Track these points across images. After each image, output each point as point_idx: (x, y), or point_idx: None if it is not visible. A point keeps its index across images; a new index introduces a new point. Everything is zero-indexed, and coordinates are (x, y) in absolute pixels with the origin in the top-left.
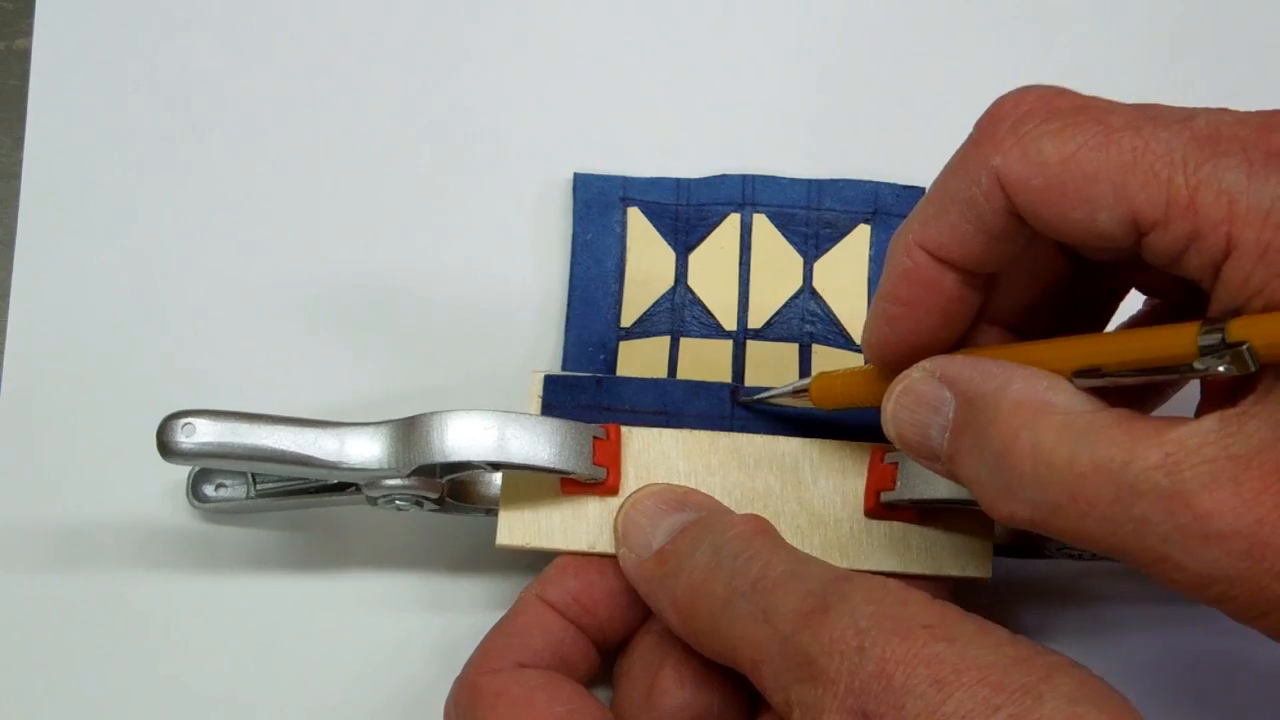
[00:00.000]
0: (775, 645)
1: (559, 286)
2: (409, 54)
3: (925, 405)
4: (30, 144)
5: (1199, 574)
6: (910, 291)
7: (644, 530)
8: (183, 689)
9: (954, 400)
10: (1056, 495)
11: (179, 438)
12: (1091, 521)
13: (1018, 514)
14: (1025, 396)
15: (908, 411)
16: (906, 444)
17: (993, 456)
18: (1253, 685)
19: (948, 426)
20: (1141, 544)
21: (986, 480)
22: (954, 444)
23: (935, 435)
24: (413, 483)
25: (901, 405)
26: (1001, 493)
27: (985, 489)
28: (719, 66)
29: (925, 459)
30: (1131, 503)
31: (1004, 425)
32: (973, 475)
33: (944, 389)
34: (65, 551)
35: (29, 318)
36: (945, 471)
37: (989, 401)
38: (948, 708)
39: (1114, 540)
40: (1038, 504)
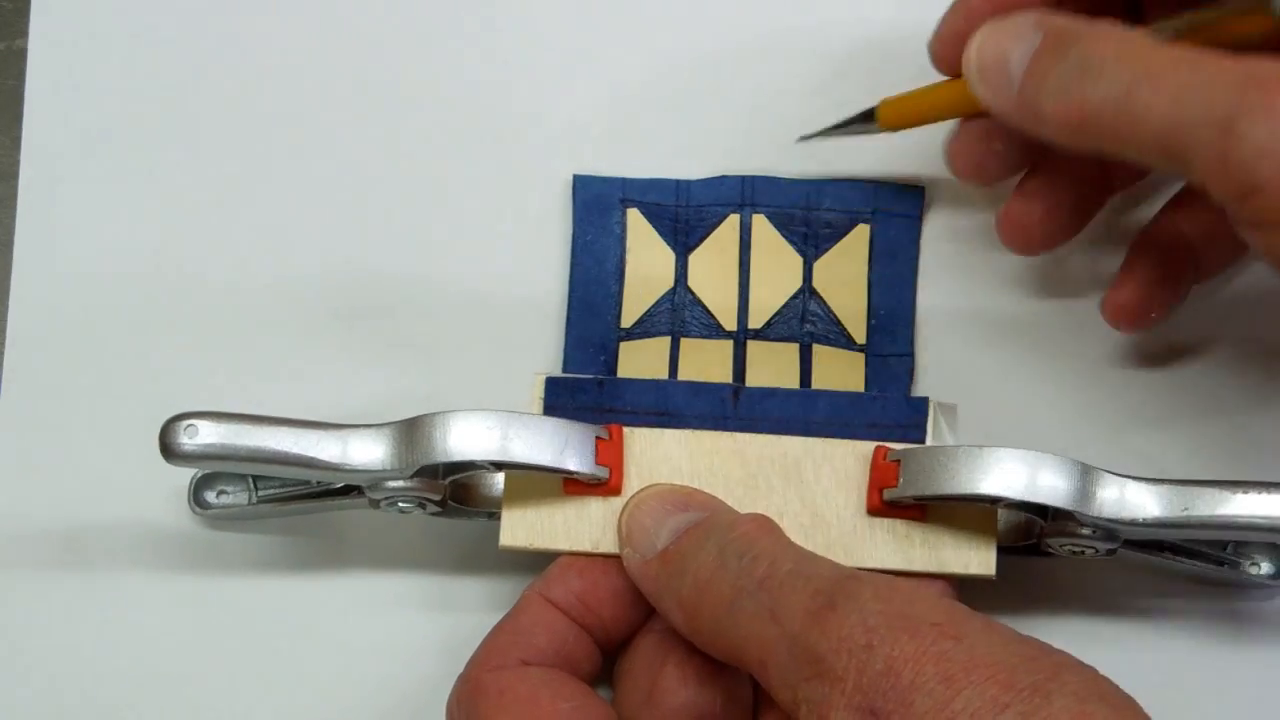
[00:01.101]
0: (783, 643)
1: (559, 288)
2: (408, 56)
3: (1012, 35)
4: (28, 144)
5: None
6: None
7: (648, 530)
8: (185, 691)
9: (1041, 32)
10: (1134, 75)
11: (181, 439)
12: (1163, 97)
13: (1089, 98)
14: (1112, 29)
15: (994, 39)
16: (984, 68)
17: (1072, 60)
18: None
19: (1029, 52)
20: (1209, 115)
21: (1061, 78)
22: (1035, 62)
23: (1017, 58)
24: (415, 484)
25: (990, 34)
26: (1077, 83)
27: (1057, 87)
28: (718, 67)
29: (997, 85)
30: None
31: (1090, 41)
32: (1048, 79)
33: (1034, 25)
34: (65, 553)
35: (29, 318)
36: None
37: (1076, 32)
38: (956, 705)
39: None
40: (1113, 84)
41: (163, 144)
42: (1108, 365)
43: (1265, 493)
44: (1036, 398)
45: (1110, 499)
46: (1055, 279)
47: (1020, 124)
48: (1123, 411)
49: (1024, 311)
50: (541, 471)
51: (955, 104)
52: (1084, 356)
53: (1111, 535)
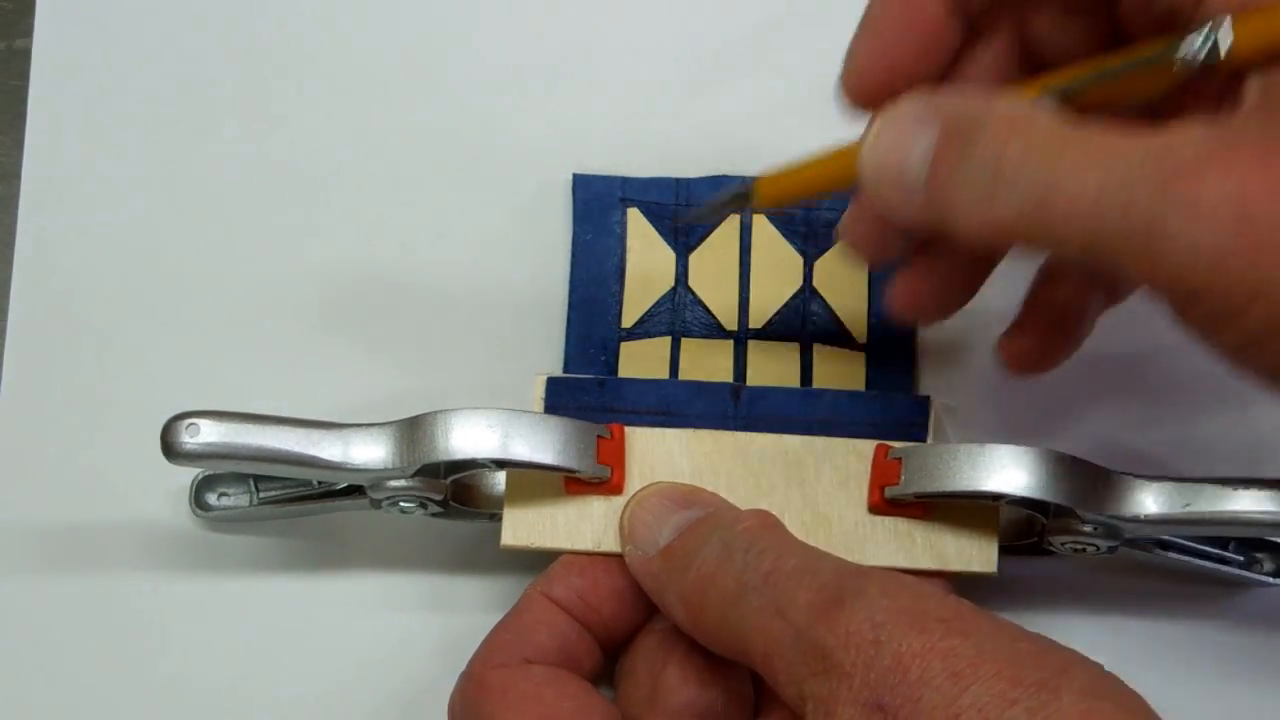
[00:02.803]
0: (789, 638)
1: (559, 288)
2: (408, 56)
3: (907, 131)
4: (30, 144)
5: (1185, 252)
6: (897, 6)
7: (650, 528)
8: (185, 691)
9: (938, 123)
10: (1044, 188)
11: (183, 438)
12: (1080, 208)
13: (1002, 217)
14: (1013, 111)
15: (888, 139)
16: (883, 173)
17: (979, 165)
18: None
19: (930, 148)
20: (1129, 225)
21: (969, 190)
22: (937, 164)
23: (916, 159)
24: (417, 483)
25: (882, 133)
26: (986, 198)
27: (967, 200)
28: (718, 66)
29: (900, 190)
30: (1122, 182)
31: (992, 135)
32: (955, 189)
33: (928, 114)
34: (66, 555)
35: (29, 318)
36: (921, 203)
37: (975, 118)
38: (964, 701)
39: (1101, 227)
40: (1025, 200)
41: (164, 144)
42: (1108, 363)
43: (1267, 489)
44: (1037, 396)
45: (1112, 496)
46: None
47: (930, 231)
48: (1124, 409)
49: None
50: (543, 470)
51: (841, 178)
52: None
53: (1113, 533)
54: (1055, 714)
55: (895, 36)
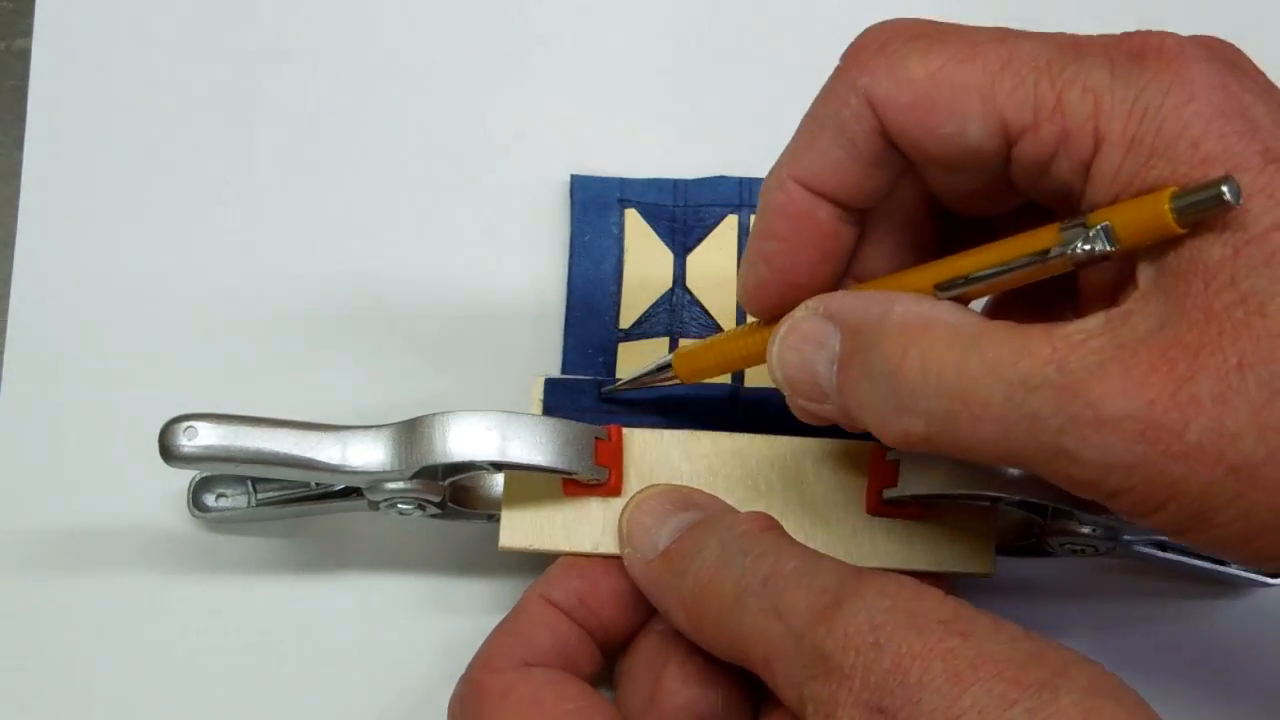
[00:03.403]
0: (788, 641)
1: (557, 289)
2: (406, 58)
3: (810, 341)
4: (30, 144)
5: (1095, 464)
6: (786, 226)
7: (649, 530)
8: (184, 693)
9: (839, 332)
10: (949, 403)
11: (181, 441)
12: (985, 425)
13: (913, 431)
14: (910, 317)
15: (793, 351)
16: (794, 384)
17: (882, 377)
18: (1257, 680)
19: (834, 360)
20: (1036, 441)
21: (878, 403)
22: (843, 374)
23: (823, 370)
24: (415, 485)
25: (787, 345)
26: (894, 412)
27: (877, 413)
28: (715, 67)
29: (813, 399)
30: (1024, 400)
31: (891, 345)
32: (864, 401)
33: (828, 324)
34: (65, 556)
35: (29, 318)
36: (835, 409)
37: (874, 327)
38: (964, 702)
39: (1009, 442)
40: (932, 416)
41: (165, 145)
42: None
43: None
44: None
45: None
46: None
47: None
48: None
49: None
50: (541, 472)
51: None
52: None
53: (1111, 533)
54: (1055, 714)
55: (788, 257)
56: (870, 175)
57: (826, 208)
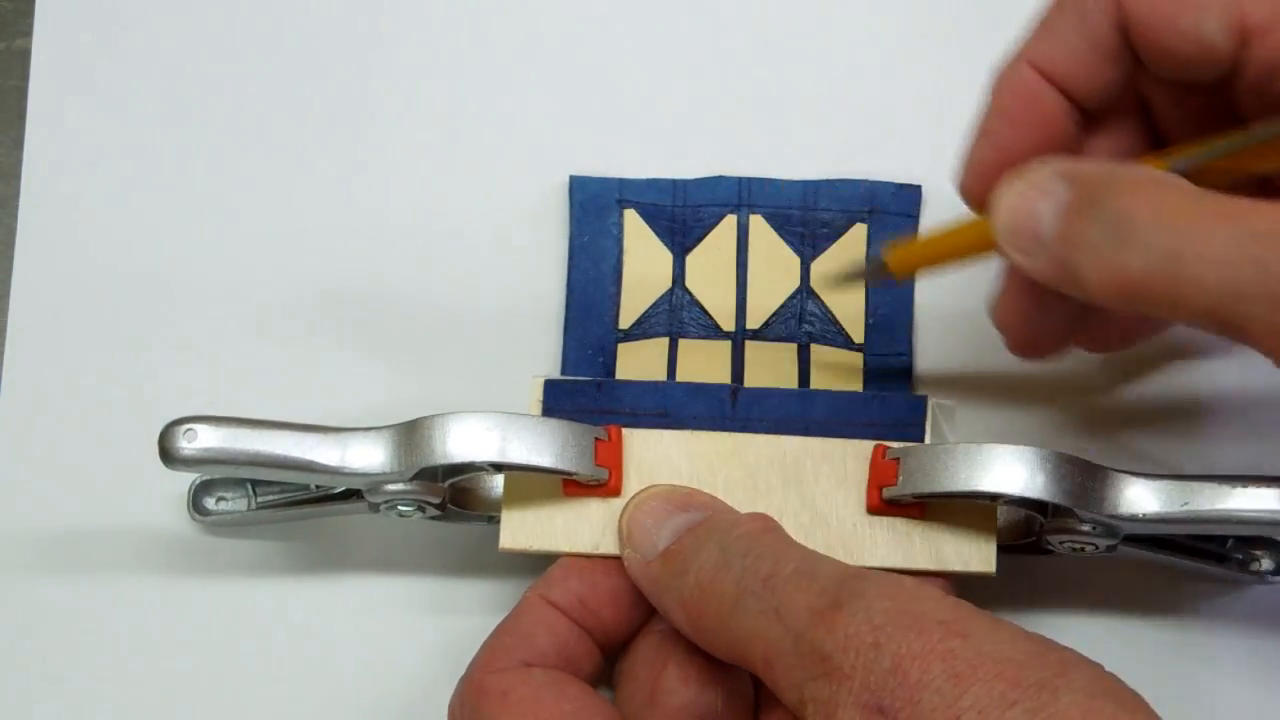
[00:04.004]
0: (788, 642)
1: (556, 290)
2: (405, 58)
3: (1038, 189)
4: (30, 144)
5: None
6: (1015, 106)
7: (649, 531)
8: (185, 697)
9: (1069, 184)
10: (1175, 239)
11: (181, 444)
12: (1208, 266)
13: (1130, 273)
14: (1143, 174)
15: (1019, 197)
16: (1013, 229)
17: (1109, 216)
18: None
19: (1060, 208)
20: (1259, 286)
21: (1098, 241)
22: (1067, 220)
23: (1046, 216)
24: (415, 487)
25: (1014, 191)
26: (1115, 248)
27: (1095, 252)
28: (714, 67)
29: (1027, 250)
30: (1251, 245)
31: (1123, 192)
32: (1084, 242)
33: (1060, 176)
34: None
35: (29, 318)
36: (1047, 260)
37: (1106, 179)
38: (964, 702)
39: (1229, 284)
40: (1154, 250)
41: (164, 145)
42: (1106, 362)
43: (1265, 487)
44: (1035, 395)
45: (1110, 495)
46: None
47: (1058, 287)
48: (1121, 408)
49: None
50: (541, 473)
51: (973, 245)
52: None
53: (1112, 532)
54: (1055, 714)
55: (1014, 140)
56: (1102, 69)
57: (1056, 96)
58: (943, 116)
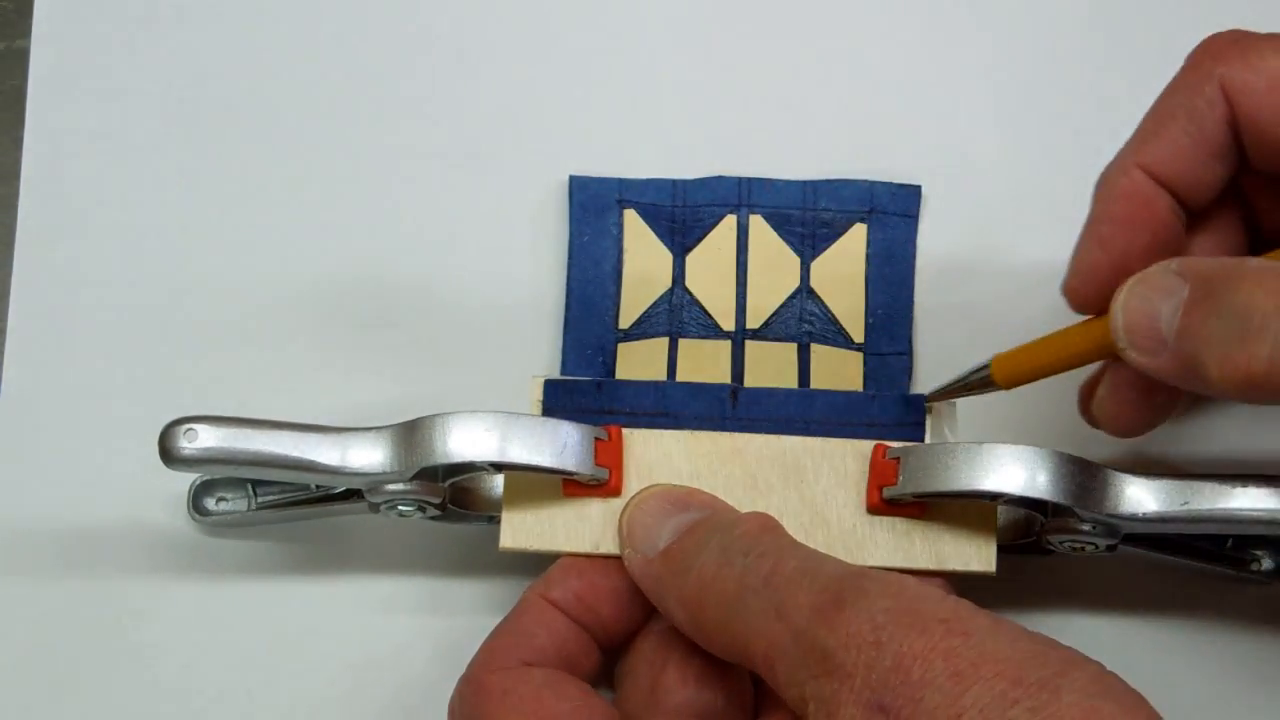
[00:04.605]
0: (789, 640)
1: (556, 290)
2: (406, 59)
3: (1159, 290)
4: (30, 144)
5: None
6: (1126, 210)
7: (649, 530)
8: (184, 695)
9: (1188, 285)
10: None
11: (181, 443)
12: None
13: (1257, 358)
14: (1265, 266)
15: (1139, 298)
16: (1133, 330)
17: (1231, 311)
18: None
19: (1180, 305)
20: None
21: (1222, 337)
22: (1187, 316)
23: (1166, 315)
24: (415, 487)
25: (1134, 293)
26: (1240, 342)
27: (1219, 348)
28: (714, 67)
29: (1149, 349)
30: None
31: (1245, 285)
32: (1207, 338)
33: (1178, 278)
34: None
35: (29, 318)
36: (1170, 358)
37: (1226, 273)
38: (965, 701)
39: None
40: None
41: (164, 145)
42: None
43: (1265, 487)
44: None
45: (1110, 494)
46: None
47: (1180, 384)
48: None
49: (1021, 308)
50: (541, 473)
51: (1086, 353)
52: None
53: (1112, 531)
54: (1056, 714)
55: (1125, 243)
56: (1211, 168)
57: (1166, 197)
58: (942, 116)
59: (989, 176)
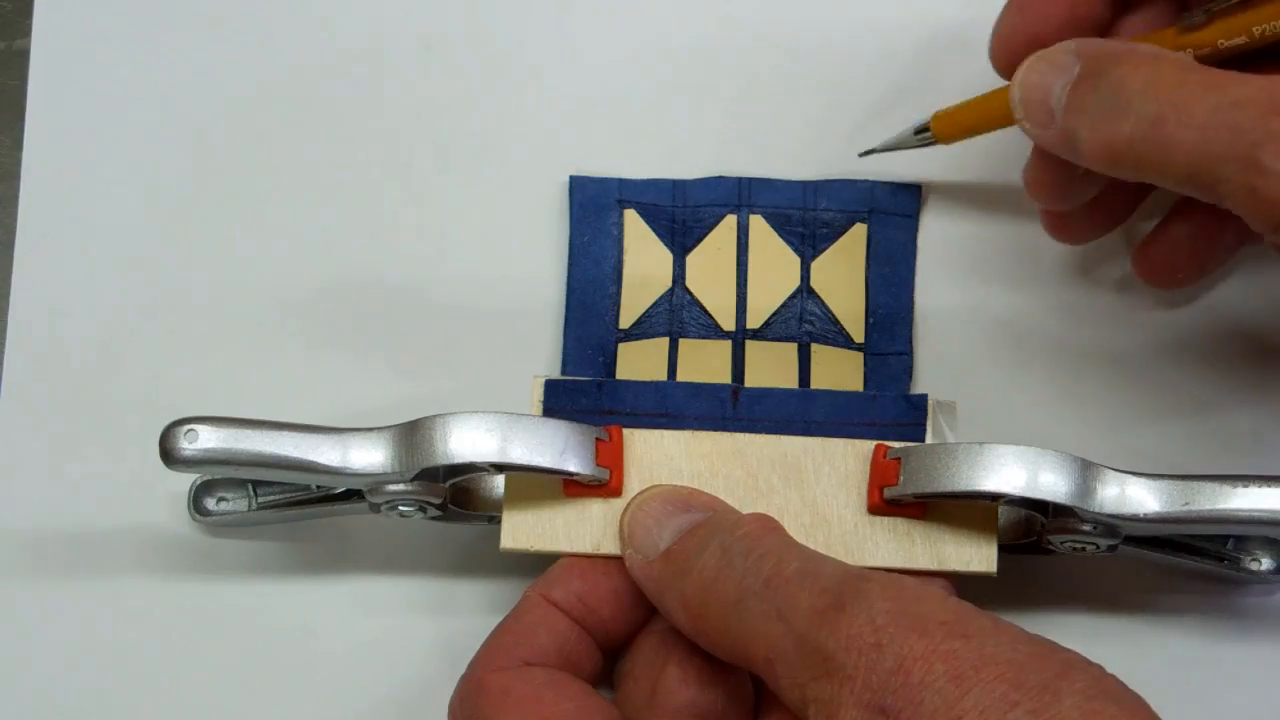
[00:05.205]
0: (790, 642)
1: (557, 290)
2: (406, 59)
3: (1053, 66)
4: (29, 144)
5: None
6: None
7: (650, 531)
8: (185, 697)
9: (1080, 62)
10: (1162, 107)
11: (182, 444)
12: (1189, 130)
13: (1118, 137)
14: (1146, 50)
15: (1036, 73)
16: (1028, 104)
17: (1108, 88)
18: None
19: (1070, 81)
20: (1233, 149)
21: (1096, 110)
22: (1073, 91)
23: (1057, 91)
24: (416, 487)
25: (1032, 69)
26: (1109, 116)
27: (1092, 119)
28: (714, 67)
29: (1040, 123)
30: (1229, 112)
31: (1126, 64)
32: (1084, 109)
33: (1073, 56)
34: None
35: (29, 318)
36: (1057, 133)
37: (1112, 54)
38: (966, 703)
39: (1207, 148)
40: (1142, 118)
41: (164, 145)
42: (1107, 361)
43: (1265, 487)
44: (1035, 395)
45: (1111, 495)
46: (1053, 276)
47: (1063, 155)
48: (1122, 407)
49: (1022, 308)
50: (542, 473)
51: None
52: (1083, 352)
53: (1112, 531)
54: (1056, 716)
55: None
56: None
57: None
58: None
59: (989, 176)
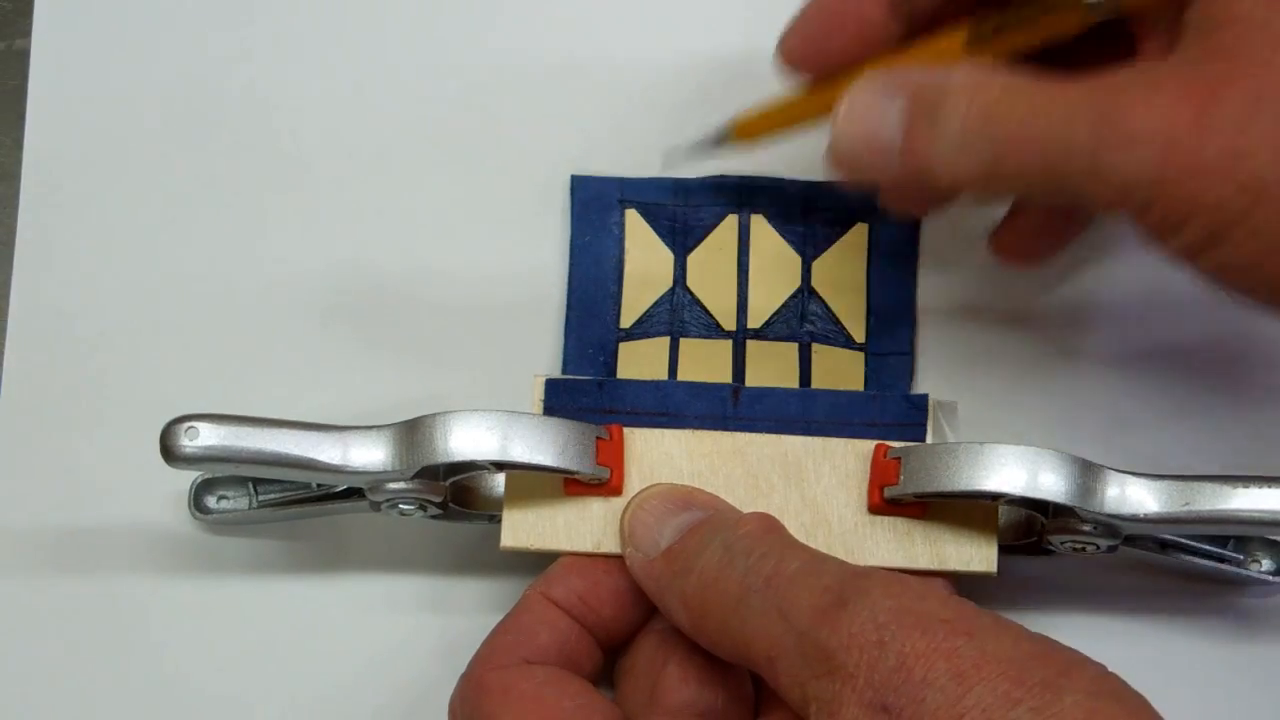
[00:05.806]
0: (791, 641)
1: (557, 289)
2: (406, 58)
3: (877, 102)
4: (30, 144)
5: (1123, 178)
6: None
7: (651, 530)
8: (185, 695)
9: (902, 97)
10: (1002, 143)
11: (182, 441)
12: (1031, 156)
13: (966, 166)
14: (970, 75)
15: (861, 110)
16: (859, 139)
17: (945, 128)
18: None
19: (900, 117)
20: (1074, 164)
21: (942, 147)
22: (910, 130)
23: (889, 129)
24: (416, 485)
25: (852, 112)
26: (956, 153)
27: (942, 159)
28: (714, 67)
29: (879, 157)
30: (1063, 127)
31: (954, 99)
32: (928, 153)
33: (890, 90)
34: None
35: (29, 318)
36: (900, 167)
37: (938, 86)
38: (968, 701)
39: (1052, 169)
40: (985, 155)
41: (164, 145)
42: (1107, 361)
43: (1266, 487)
44: (1036, 395)
45: (1111, 495)
46: (1054, 275)
47: (914, 186)
48: (1122, 407)
49: (1023, 308)
50: (542, 472)
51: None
52: (1083, 353)
53: (1113, 531)
54: (1058, 714)
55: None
56: None
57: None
58: None
59: None
